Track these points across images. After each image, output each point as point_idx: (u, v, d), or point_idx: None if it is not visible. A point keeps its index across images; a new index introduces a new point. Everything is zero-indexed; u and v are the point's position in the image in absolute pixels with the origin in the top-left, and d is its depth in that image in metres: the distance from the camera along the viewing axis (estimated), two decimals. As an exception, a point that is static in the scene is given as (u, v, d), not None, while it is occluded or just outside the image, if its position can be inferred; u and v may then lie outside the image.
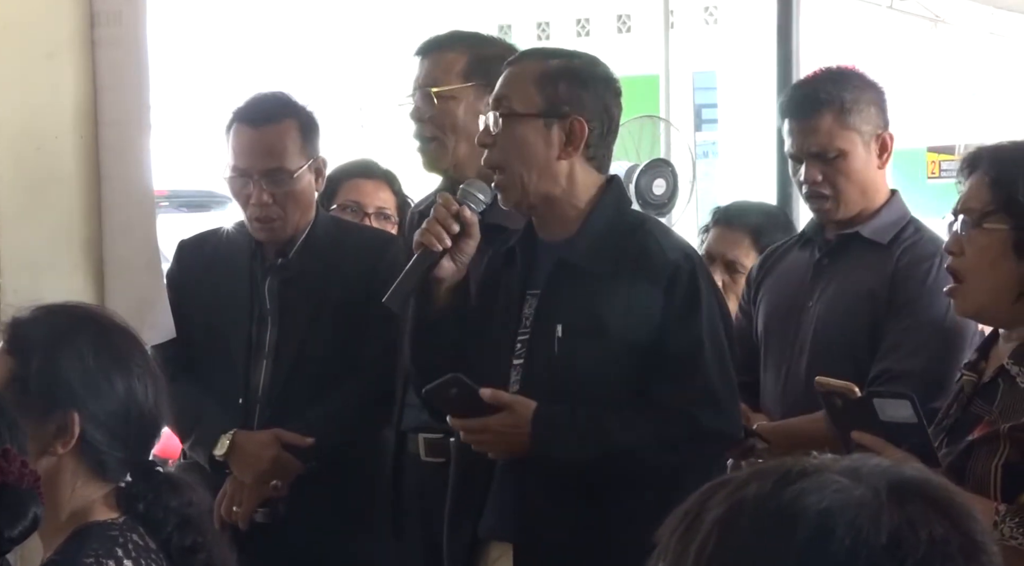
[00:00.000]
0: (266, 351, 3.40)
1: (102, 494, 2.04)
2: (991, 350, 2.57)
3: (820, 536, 1.07)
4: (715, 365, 2.73)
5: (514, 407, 2.69)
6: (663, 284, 2.71)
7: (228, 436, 3.32)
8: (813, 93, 3.16)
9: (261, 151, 3.35)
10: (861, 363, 3.07)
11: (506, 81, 2.81)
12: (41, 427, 1.99)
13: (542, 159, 2.75)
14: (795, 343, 3.18)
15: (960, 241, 2.54)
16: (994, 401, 2.46)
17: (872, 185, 3.18)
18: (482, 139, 2.81)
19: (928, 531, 1.08)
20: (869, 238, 3.16)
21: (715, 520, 1.11)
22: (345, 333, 3.37)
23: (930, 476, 1.15)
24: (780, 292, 3.28)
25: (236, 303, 3.42)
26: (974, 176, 2.54)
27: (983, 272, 2.51)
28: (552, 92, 2.75)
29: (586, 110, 2.76)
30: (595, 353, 2.71)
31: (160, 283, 3.39)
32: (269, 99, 3.45)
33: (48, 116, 3.28)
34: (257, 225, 3.39)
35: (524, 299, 2.81)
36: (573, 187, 2.78)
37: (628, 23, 13.20)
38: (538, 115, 2.75)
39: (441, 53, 3.25)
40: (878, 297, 3.09)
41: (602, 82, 2.83)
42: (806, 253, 3.28)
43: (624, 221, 2.84)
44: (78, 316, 2.13)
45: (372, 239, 3.61)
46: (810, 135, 3.14)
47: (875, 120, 3.16)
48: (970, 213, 2.51)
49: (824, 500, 1.09)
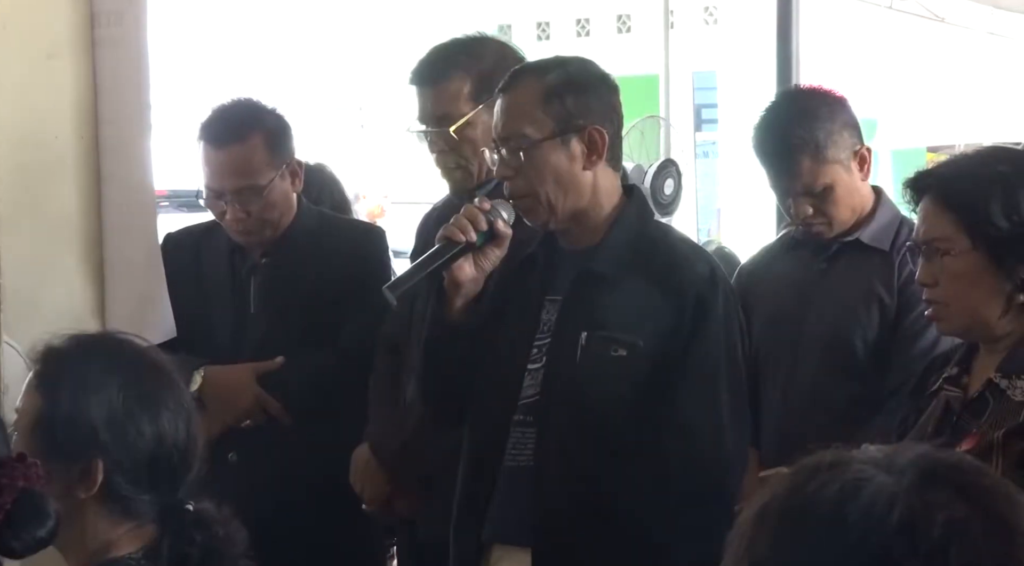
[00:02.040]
0: (250, 347, 3.41)
1: (128, 530, 2.01)
2: (972, 363, 2.51)
3: (834, 522, 1.09)
4: (729, 388, 2.72)
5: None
6: (688, 298, 2.70)
7: (200, 372, 3.33)
8: (785, 139, 3.13)
9: (229, 172, 3.34)
10: (864, 370, 3.07)
11: (509, 112, 2.75)
12: (65, 470, 1.96)
13: (568, 176, 2.73)
14: (796, 352, 3.17)
15: (932, 272, 2.47)
16: (982, 416, 2.40)
17: (860, 199, 3.18)
18: (503, 173, 2.76)
19: (947, 514, 1.08)
20: (870, 244, 3.16)
21: (749, 518, 1.15)
22: (324, 325, 3.39)
23: (965, 461, 1.16)
24: (777, 299, 3.26)
25: (220, 300, 3.44)
26: (927, 201, 2.47)
27: (963, 296, 2.45)
28: (560, 109, 2.72)
29: (597, 116, 2.75)
30: (618, 363, 2.68)
31: (161, 282, 3.39)
32: (232, 114, 3.41)
33: (48, 116, 3.28)
34: (237, 236, 3.41)
35: (543, 305, 2.80)
36: (598, 195, 2.76)
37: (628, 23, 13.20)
38: (554, 135, 2.72)
39: (444, 83, 3.19)
40: (886, 305, 3.09)
41: (602, 83, 2.81)
42: (800, 257, 3.27)
43: (648, 231, 2.82)
44: (113, 356, 2.06)
45: (355, 230, 3.62)
46: (792, 179, 3.13)
47: (849, 141, 3.15)
48: (936, 243, 2.45)
49: (842, 488, 1.10)
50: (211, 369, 3.35)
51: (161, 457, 2.00)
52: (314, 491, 3.32)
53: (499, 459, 2.77)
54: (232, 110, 3.43)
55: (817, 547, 1.09)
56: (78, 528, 1.99)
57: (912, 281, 3.01)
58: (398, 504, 3.22)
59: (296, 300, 3.41)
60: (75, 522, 1.98)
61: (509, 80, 2.80)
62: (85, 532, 2.00)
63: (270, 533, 2.30)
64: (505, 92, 2.78)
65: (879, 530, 1.08)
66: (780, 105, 3.27)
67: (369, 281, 3.39)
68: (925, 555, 1.07)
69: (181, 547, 1.98)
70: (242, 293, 3.44)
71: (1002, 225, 2.38)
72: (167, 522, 2.01)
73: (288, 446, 3.34)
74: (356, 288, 3.39)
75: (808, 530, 1.10)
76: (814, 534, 1.10)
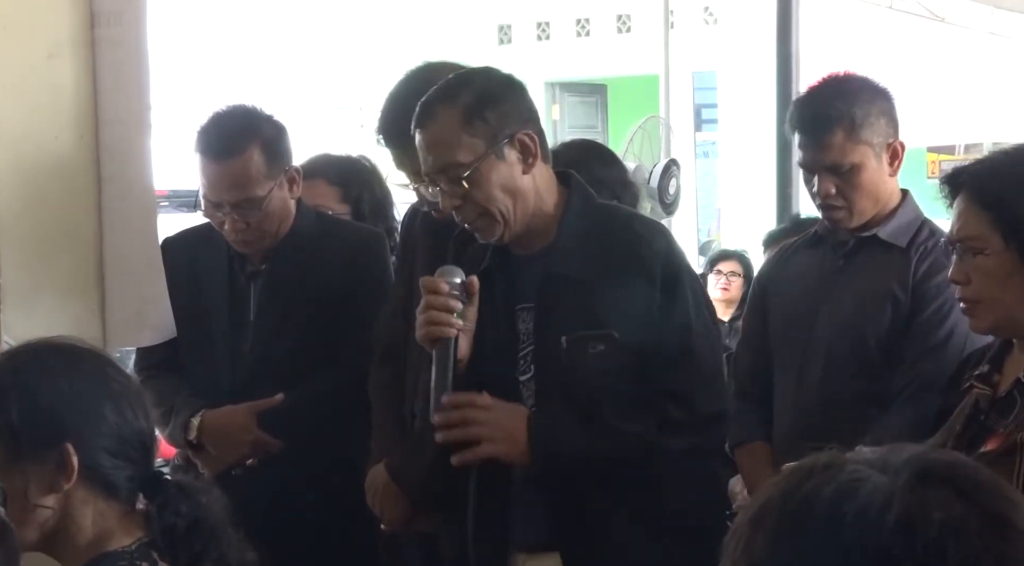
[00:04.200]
0: (248, 353, 3.40)
1: (119, 518, 2.02)
2: (1004, 361, 2.52)
3: (831, 522, 1.09)
4: (705, 347, 2.78)
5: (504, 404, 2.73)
6: (655, 274, 2.73)
7: (197, 418, 3.33)
8: (824, 110, 3.14)
9: (227, 185, 3.35)
10: (876, 367, 3.07)
11: (434, 147, 2.72)
12: (41, 467, 1.97)
13: (513, 185, 2.73)
14: (808, 347, 3.17)
15: (964, 270, 2.49)
16: (1009, 415, 2.41)
17: (885, 192, 3.17)
18: (449, 204, 2.74)
19: (944, 513, 1.08)
20: (887, 241, 3.15)
21: (747, 520, 1.15)
22: (323, 332, 3.38)
23: (959, 460, 1.16)
24: (792, 294, 3.27)
25: (218, 306, 3.44)
26: (961, 200, 2.49)
27: (995, 295, 2.46)
28: (484, 126, 2.70)
29: (520, 120, 2.74)
30: (599, 358, 2.71)
31: (161, 283, 3.39)
32: (229, 124, 3.40)
33: (48, 116, 3.28)
34: (236, 245, 3.41)
35: (515, 314, 2.81)
36: (540, 195, 2.77)
37: (628, 23, 13.19)
38: (487, 153, 2.70)
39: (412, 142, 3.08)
40: (900, 302, 3.09)
41: (511, 88, 2.80)
42: (818, 254, 3.27)
43: (597, 217, 2.83)
44: (41, 350, 2.09)
45: (353, 237, 3.60)
46: (823, 151, 3.13)
47: (885, 130, 3.15)
48: (969, 241, 2.47)
49: (838, 489, 1.10)
50: (209, 414, 3.36)
51: (124, 429, 2.02)
52: (318, 501, 3.33)
53: (509, 470, 2.79)
54: (228, 120, 3.41)
55: (815, 548, 1.09)
56: (70, 526, 2.00)
57: (926, 279, 3.03)
58: (420, 522, 3.18)
59: (296, 307, 3.41)
60: (66, 519, 1.99)
61: (421, 115, 2.75)
62: (77, 528, 2.00)
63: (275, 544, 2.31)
64: (423, 127, 2.74)
65: (876, 530, 1.08)
66: (824, 83, 3.27)
67: (370, 289, 3.40)
68: (922, 554, 1.07)
69: (167, 518, 2.00)
70: (241, 299, 3.44)
71: None
72: (151, 495, 2.02)
73: (291, 458, 3.34)
74: (357, 297, 3.40)
75: (805, 531, 1.11)
76: (811, 535, 1.10)
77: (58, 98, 3.28)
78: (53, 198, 3.30)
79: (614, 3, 13.15)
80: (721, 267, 7.26)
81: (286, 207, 3.43)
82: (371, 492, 3.17)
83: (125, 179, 3.35)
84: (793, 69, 6.18)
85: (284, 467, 3.34)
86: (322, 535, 3.34)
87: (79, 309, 3.33)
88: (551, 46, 13.51)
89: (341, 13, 12.94)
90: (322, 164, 4.08)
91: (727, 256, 7.49)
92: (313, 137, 8.85)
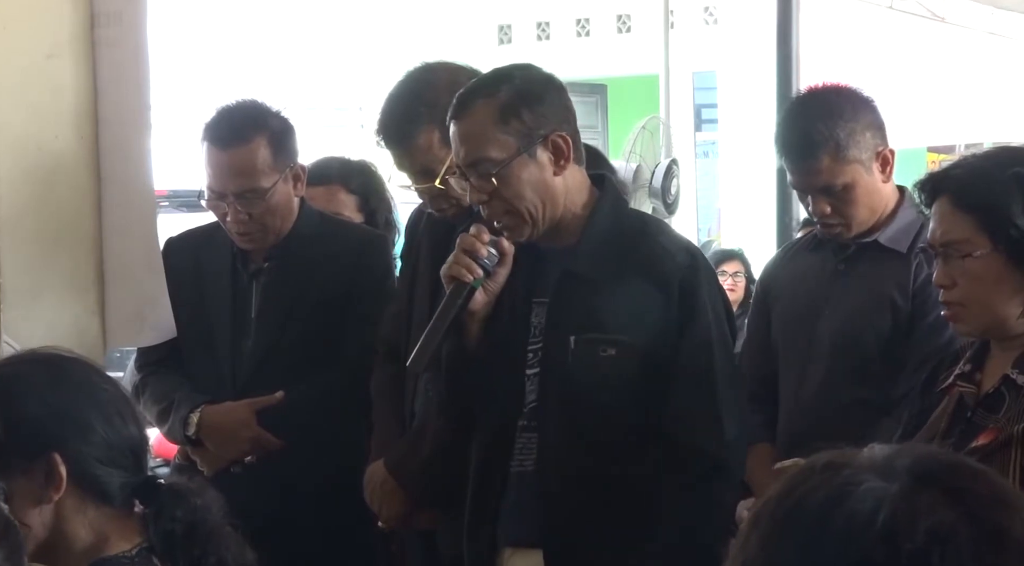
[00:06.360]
0: (250, 351, 3.40)
1: (115, 524, 2.01)
2: (985, 360, 2.51)
3: (819, 527, 1.09)
4: (724, 380, 2.73)
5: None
6: (673, 289, 2.71)
7: (196, 414, 3.33)
8: (807, 135, 3.09)
9: (232, 173, 3.34)
10: (876, 371, 3.07)
11: (468, 139, 2.71)
12: (30, 480, 1.95)
13: (543, 186, 2.72)
14: (810, 350, 3.17)
15: (950, 274, 2.47)
16: (999, 411, 2.41)
17: (880, 200, 3.16)
18: (477, 198, 2.74)
19: (931, 521, 1.08)
20: (888, 246, 3.14)
21: (749, 517, 1.16)
22: (324, 332, 3.38)
23: (961, 464, 1.15)
24: (794, 297, 3.26)
25: (220, 304, 3.44)
26: (943, 203, 2.47)
27: (984, 297, 2.45)
28: (519, 125, 2.69)
29: (555, 121, 2.73)
30: (608, 363, 2.69)
31: (161, 283, 3.40)
32: (237, 115, 3.40)
33: (48, 116, 3.28)
34: (238, 239, 3.41)
35: (530, 307, 2.80)
36: (571, 196, 2.76)
37: (628, 23, 13.17)
38: (520, 152, 2.69)
39: (413, 142, 3.09)
40: (900, 308, 3.08)
41: (550, 87, 2.79)
42: (820, 257, 3.26)
43: (625, 224, 2.82)
44: (22, 361, 2.08)
45: (355, 237, 3.59)
46: (812, 175, 3.11)
47: (872, 142, 3.13)
48: (956, 245, 2.45)
49: (830, 493, 1.10)
50: (208, 409, 3.36)
51: (112, 435, 2.00)
52: (318, 500, 3.33)
53: (507, 465, 2.79)
54: (237, 111, 3.42)
55: (803, 551, 1.10)
56: (64, 537, 1.98)
57: (927, 285, 2.99)
58: (418, 519, 3.19)
59: (298, 305, 3.41)
60: (59, 530, 1.97)
61: (458, 106, 2.74)
62: (73, 536, 1.98)
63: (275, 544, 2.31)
64: (458, 119, 2.73)
65: (862, 537, 1.07)
66: (804, 101, 3.25)
67: (372, 289, 3.39)
68: (906, 563, 1.06)
69: (164, 524, 1.98)
70: (244, 298, 3.44)
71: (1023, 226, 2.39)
72: (146, 501, 2.01)
73: (291, 456, 3.34)
74: (358, 298, 3.40)
75: (795, 534, 1.11)
76: (800, 538, 1.10)
77: (58, 98, 3.29)
78: (53, 198, 3.30)
79: (614, 3, 13.14)
80: (726, 267, 7.26)
81: (289, 203, 3.43)
82: (369, 489, 3.17)
83: (125, 179, 3.35)
84: (793, 69, 6.17)
85: (284, 466, 3.34)
86: (322, 534, 3.34)
87: (79, 309, 3.33)
88: (551, 46, 13.49)
89: (341, 13, 12.93)
90: (340, 170, 4.08)
91: (730, 256, 7.49)
92: (313, 137, 8.84)
